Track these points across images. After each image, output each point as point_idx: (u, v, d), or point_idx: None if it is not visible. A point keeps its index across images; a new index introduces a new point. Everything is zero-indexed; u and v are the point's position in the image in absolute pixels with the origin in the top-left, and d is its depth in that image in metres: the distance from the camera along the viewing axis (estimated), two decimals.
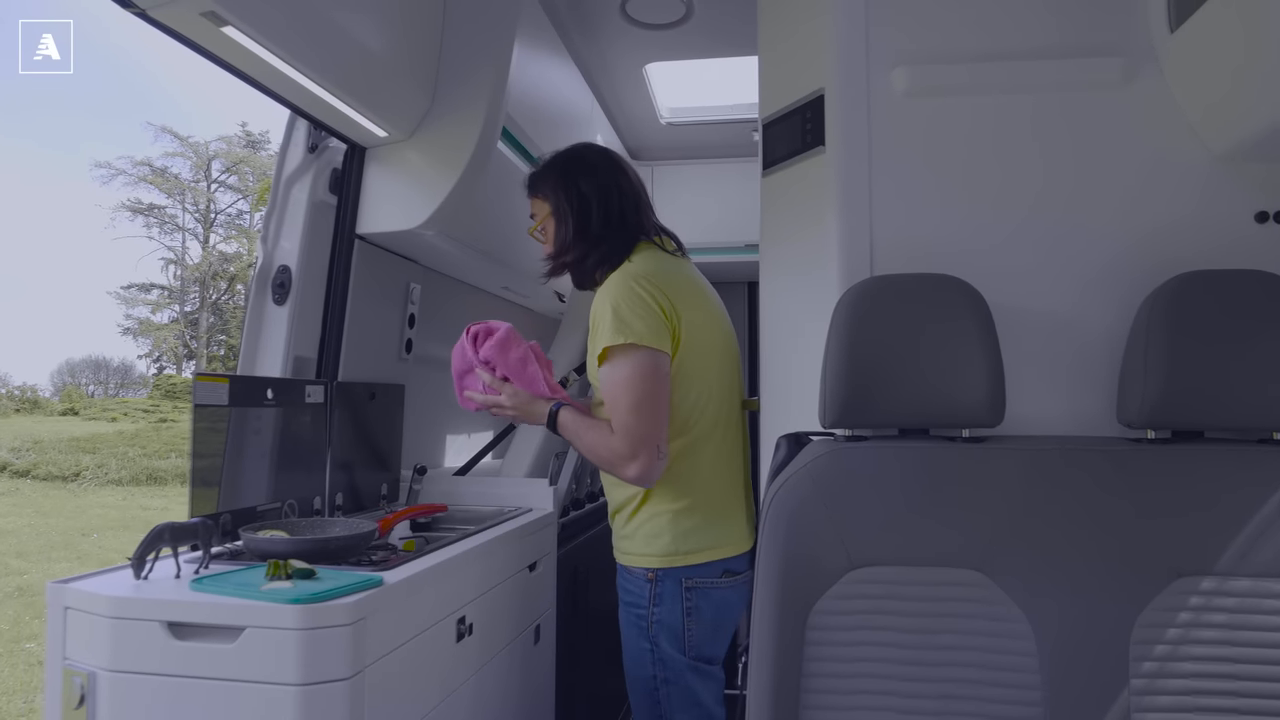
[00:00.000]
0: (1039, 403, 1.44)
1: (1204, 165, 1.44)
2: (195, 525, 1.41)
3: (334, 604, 1.22)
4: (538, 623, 2.03)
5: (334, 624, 1.20)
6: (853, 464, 1.29)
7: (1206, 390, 1.23)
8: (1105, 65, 1.46)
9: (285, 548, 1.47)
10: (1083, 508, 1.23)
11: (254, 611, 1.20)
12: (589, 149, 1.85)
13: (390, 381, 2.27)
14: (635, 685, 1.73)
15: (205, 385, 1.57)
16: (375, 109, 1.88)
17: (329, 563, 1.46)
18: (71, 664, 1.27)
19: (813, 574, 1.24)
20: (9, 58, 36.27)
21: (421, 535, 1.94)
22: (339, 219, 2.05)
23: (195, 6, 1.35)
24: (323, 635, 1.19)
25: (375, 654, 1.28)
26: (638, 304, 1.59)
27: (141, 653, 1.22)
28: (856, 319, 1.32)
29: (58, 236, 49.86)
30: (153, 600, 1.24)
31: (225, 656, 1.20)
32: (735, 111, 3.33)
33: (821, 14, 1.59)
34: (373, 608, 1.27)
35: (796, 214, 1.65)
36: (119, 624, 1.23)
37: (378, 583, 1.32)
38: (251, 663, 1.19)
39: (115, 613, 1.24)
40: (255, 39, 1.47)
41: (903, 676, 1.22)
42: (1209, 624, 1.17)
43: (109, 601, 1.24)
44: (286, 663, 1.18)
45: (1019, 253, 1.48)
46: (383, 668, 1.30)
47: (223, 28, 1.41)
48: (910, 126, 1.51)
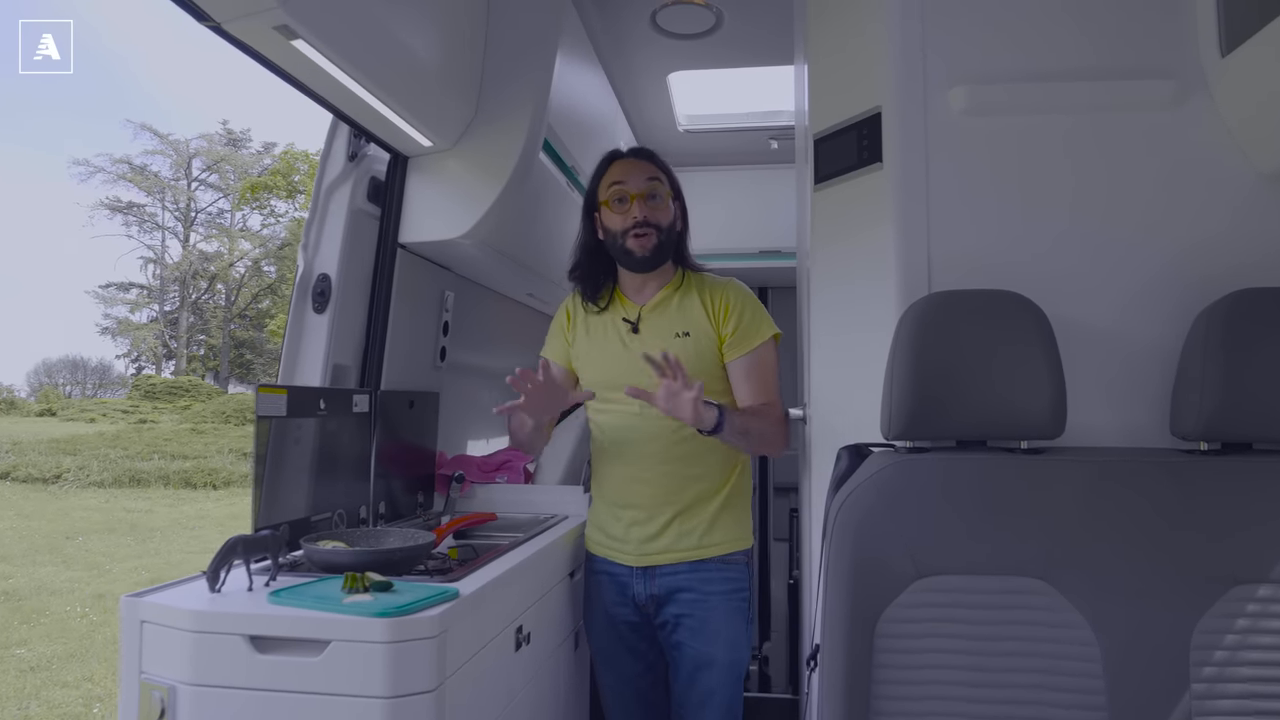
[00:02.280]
0: (1091, 414, 1.47)
1: (1250, 184, 1.48)
2: (266, 538, 1.41)
3: (420, 616, 1.23)
4: (576, 629, 2.05)
5: (420, 636, 1.21)
6: (918, 475, 1.32)
7: (1259, 403, 1.27)
8: (1157, 87, 1.50)
9: (349, 560, 1.47)
10: (1143, 518, 1.27)
11: (340, 625, 1.21)
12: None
13: (426, 389, 2.28)
14: (736, 670, 1.84)
15: (266, 397, 1.57)
16: (422, 118, 1.89)
17: (390, 573, 1.47)
18: (149, 678, 1.27)
19: (881, 582, 1.27)
20: (9, 58, 35.63)
21: (466, 544, 1.95)
22: (382, 228, 2.06)
23: (268, 20, 1.36)
24: (409, 648, 1.20)
25: (454, 665, 1.29)
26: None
27: (224, 666, 1.23)
28: (921, 333, 1.35)
29: (34, 234, 49.14)
30: (234, 614, 1.25)
31: (310, 670, 1.21)
32: (751, 119, 3.36)
33: (875, 31, 1.62)
34: (453, 619, 1.28)
35: (851, 228, 1.67)
36: (200, 638, 1.24)
37: (455, 595, 1.33)
38: (337, 676, 1.20)
39: (196, 626, 1.24)
40: (321, 50, 1.48)
41: (969, 683, 1.25)
42: (1266, 630, 1.21)
43: (190, 615, 1.25)
44: (374, 676, 1.19)
45: (1071, 267, 1.52)
46: (459, 679, 1.31)
47: (293, 41, 1.42)
48: (967, 145, 1.54)
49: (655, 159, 1.91)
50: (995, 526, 1.28)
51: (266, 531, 1.44)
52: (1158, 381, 1.45)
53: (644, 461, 1.84)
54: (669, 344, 1.81)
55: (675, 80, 3.03)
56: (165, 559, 8.66)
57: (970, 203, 1.54)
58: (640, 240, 1.82)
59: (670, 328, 1.85)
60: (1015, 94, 1.54)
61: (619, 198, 1.84)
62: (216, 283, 30.95)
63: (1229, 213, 1.49)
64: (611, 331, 1.90)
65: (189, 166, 30.49)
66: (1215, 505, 1.26)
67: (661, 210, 1.85)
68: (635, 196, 1.83)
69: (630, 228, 1.82)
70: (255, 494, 1.55)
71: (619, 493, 1.88)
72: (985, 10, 1.57)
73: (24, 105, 46.22)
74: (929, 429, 1.35)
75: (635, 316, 1.89)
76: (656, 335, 1.85)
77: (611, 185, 1.86)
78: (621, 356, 1.87)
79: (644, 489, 1.84)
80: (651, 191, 1.85)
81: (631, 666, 1.94)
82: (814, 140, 1.76)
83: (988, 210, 1.54)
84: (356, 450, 1.91)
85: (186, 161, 30.37)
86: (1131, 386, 1.49)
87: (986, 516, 1.28)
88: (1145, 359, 1.48)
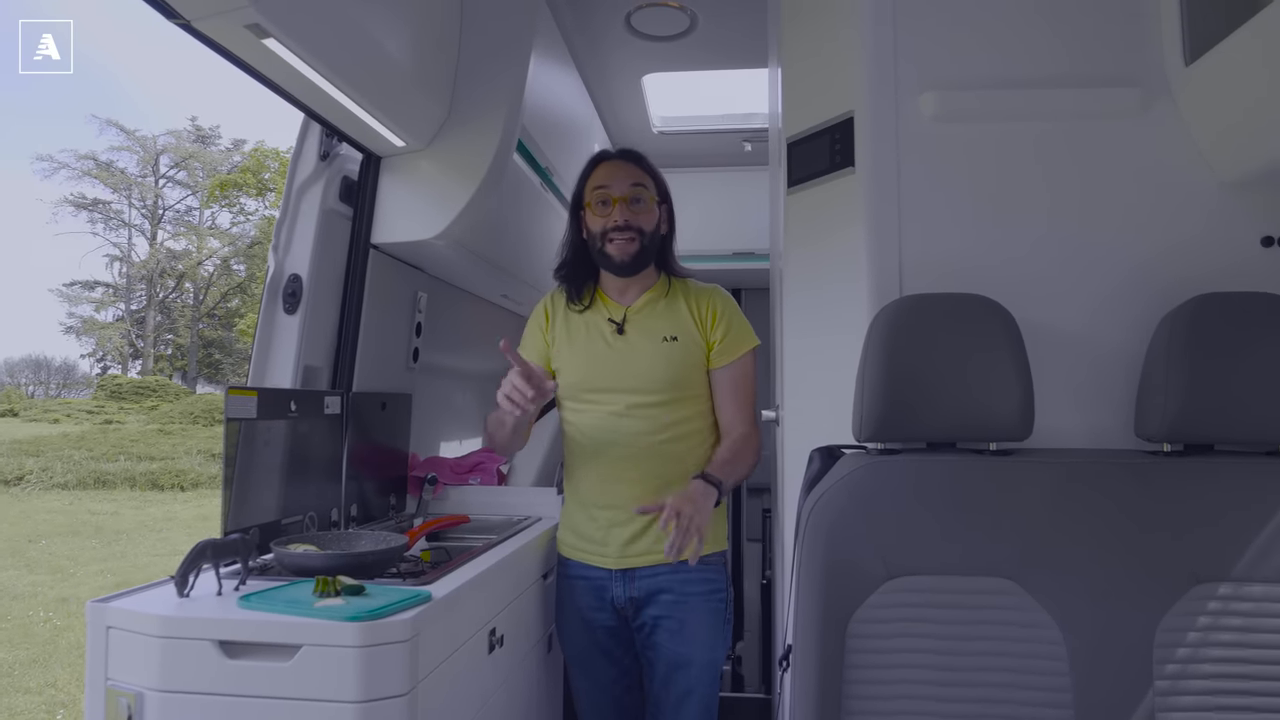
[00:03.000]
0: (1059, 416, 1.50)
1: (1213, 191, 1.52)
2: (235, 541, 1.40)
3: (392, 620, 1.22)
4: (550, 632, 2.05)
5: (392, 640, 1.21)
6: (888, 476, 1.34)
7: (1221, 405, 1.30)
8: (1123, 95, 1.53)
9: (321, 563, 1.46)
10: (1108, 518, 1.29)
11: (311, 629, 1.20)
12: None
13: (399, 391, 2.26)
14: (713, 670, 1.85)
15: (236, 399, 1.55)
16: (395, 118, 1.88)
17: (362, 577, 1.46)
18: (116, 684, 1.25)
19: (852, 583, 1.28)
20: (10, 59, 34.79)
21: (439, 546, 1.94)
22: (354, 229, 2.04)
23: (239, 19, 1.35)
24: (382, 652, 1.20)
25: (426, 669, 1.28)
26: None
27: (192, 672, 1.21)
28: (892, 337, 1.36)
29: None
30: (203, 619, 1.23)
31: (281, 675, 1.19)
32: (726, 122, 3.38)
33: (847, 36, 1.64)
34: (425, 622, 1.28)
35: (823, 231, 1.69)
36: (168, 643, 1.22)
37: (427, 598, 1.32)
38: (309, 681, 1.19)
39: (164, 632, 1.22)
40: (293, 49, 1.47)
41: (940, 682, 1.26)
42: (1226, 628, 1.24)
43: (157, 621, 1.23)
44: (346, 680, 1.18)
45: (1040, 272, 1.54)
46: (432, 683, 1.31)
47: (264, 40, 1.41)
48: (938, 150, 1.56)
49: (643, 162, 1.90)
50: (965, 527, 1.29)
51: (236, 535, 1.43)
52: (1123, 384, 1.48)
53: (623, 462, 1.83)
54: (656, 347, 1.82)
55: (650, 82, 3.04)
56: (131, 562, 8.53)
57: (941, 207, 1.56)
58: (620, 244, 1.81)
59: (658, 331, 1.84)
60: (985, 100, 1.56)
61: (602, 200, 1.83)
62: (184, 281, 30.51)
63: (1194, 219, 1.53)
64: (594, 332, 1.88)
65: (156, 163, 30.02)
66: (1178, 505, 1.29)
67: (644, 215, 1.84)
68: (618, 200, 1.82)
69: (610, 231, 1.81)
70: (225, 497, 1.53)
71: (597, 494, 1.86)
72: (956, 17, 1.59)
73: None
74: (900, 431, 1.37)
75: (621, 318, 1.87)
76: (643, 337, 1.84)
77: (596, 188, 1.85)
78: (605, 357, 1.85)
79: (624, 489, 1.82)
80: (635, 196, 1.83)
81: (607, 672, 1.92)
82: (787, 144, 1.77)
83: (958, 215, 1.56)
84: (328, 452, 1.90)
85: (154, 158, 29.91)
86: (1098, 389, 1.52)
87: (956, 517, 1.30)
88: (1111, 362, 1.51)
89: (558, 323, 1.93)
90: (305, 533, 1.73)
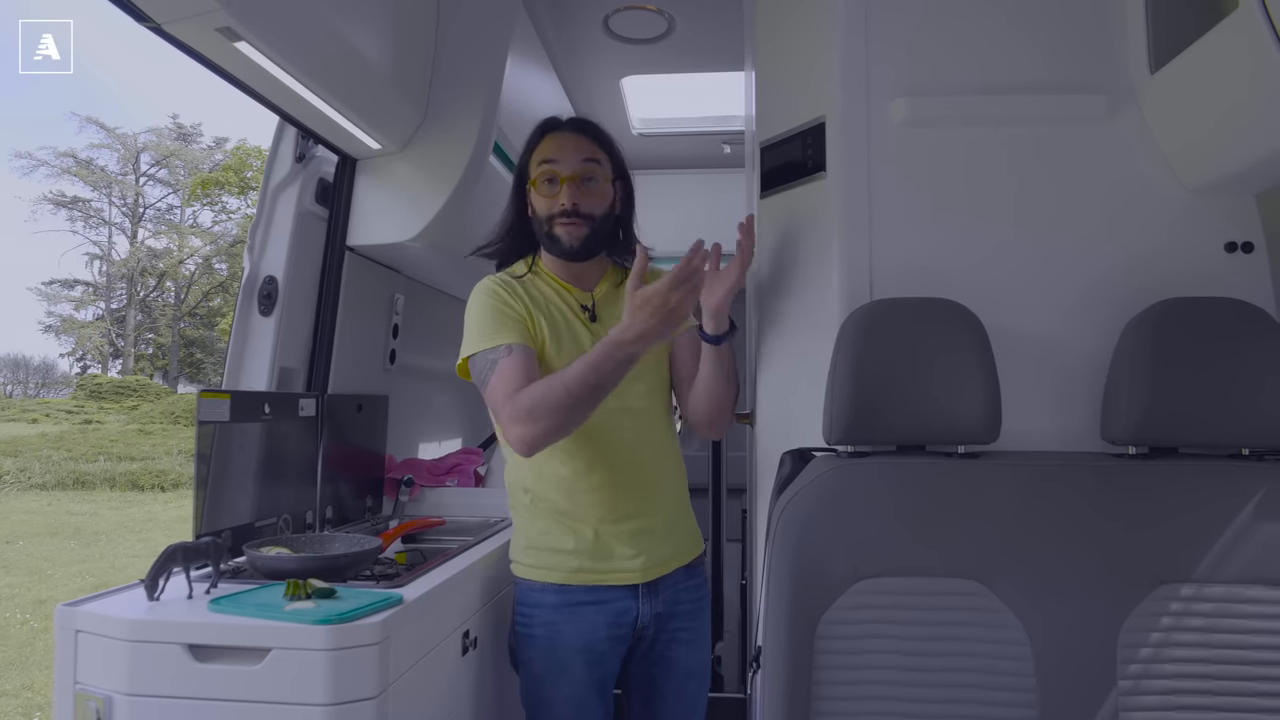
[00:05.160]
0: (1026, 419, 1.51)
1: (1179, 198, 1.54)
2: (206, 545, 1.39)
3: (362, 623, 1.22)
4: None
5: (362, 643, 1.21)
6: (858, 479, 1.35)
7: (1185, 409, 1.32)
8: (1090, 102, 1.55)
9: (293, 565, 1.46)
10: (1073, 520, 1.31)
11: (280, 632, 1.20)
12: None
13: (375, 393, 2.26)
14: (709, 671, 1.75)
15: (208, 402, 1.55)
16: (370, 121, 1.88)
17: (335, 579, 1.46)
18: (85, 688, 1.25)
19: (821, 585, 1.30)
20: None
21: (413, 548, 1.94)
22: (330, 231, 2.04)
23: (210, 22, 1.34)
24: (351, 655, 1.20)
25: (397, 672, 1.29)
26: None
27: (162, 676, 1.21)
28: (863, 340, 1.38)
29: None
30: (172, 622, 1.23)
31: (250, 678, 1.20)
32: (706, 124, 3.38)
33: (821, 41, 1.65)
34: (396, 625, 1.28)
35: (796, 236, 1.70)
36: (138, 647, 1.22)
37: (398, 600, 1.33)
38: (278, 684, 1.19)
39: (133, 636, 1.22)
40: (265, 53, 1.47)
41: (908, 682, 1.28)
42: (1188, 628, 1.26)
43: (126, 624, 1.23)
44: (315, 684, 1.18)
45: (1009, 276, 1.56)
46: (402, 685, 1.31)
47: (235, 43, 1.40)
48: (908, 155, 1.58)
49: (596, 133, 1.68)
50: (933, 530, 1.31)
51: (207, 538, 1.42)
52: (1090, 388, 1.50)
53: (636, 463, 1.63)
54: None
55: (629, 84, 3.04)
56: (110, 563, 8.45)
57: (912, 212, 1.58)
58: (568, 228, 1.60)
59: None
60: (955, 106, 1.58)
61: (548, 178, 1.61)
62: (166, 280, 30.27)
63: (1159, 225, 1.55)
64: (573, 318, 1.65)
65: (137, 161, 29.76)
66: (1142, 507, 1.31)
67: (595, 197, 1.61)
68: (566, 179, 1.59)
69: (557, 214, 1.60)
70: (197, 500, 1.53)
71: (617, 505, 1.61)
72: (927, 23, 1.61)
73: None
74: (869, 434, 1.38)
75: (590, 303, 1.67)
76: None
77: (541, 163, 1.62)
78: (584, 347, 1.58)
79: (641, 493, 1.63)
80: (586, 174, 1.61)
81: (596, 712, 1.63)
82: (760, 148, 1.79)
83: (928, 220, 1.58)
84: (303, 454, 1.90)
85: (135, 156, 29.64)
86: (1066, 393, 1.54)
87: (924, 520, 1.32)
88: (1078, 366, 1.53)
89: (530, 307, 1.62)
90: (279, 535, 1.73)
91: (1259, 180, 1.46)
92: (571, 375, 1.41)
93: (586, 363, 1.40)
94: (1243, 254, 1.52)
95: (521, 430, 1.46)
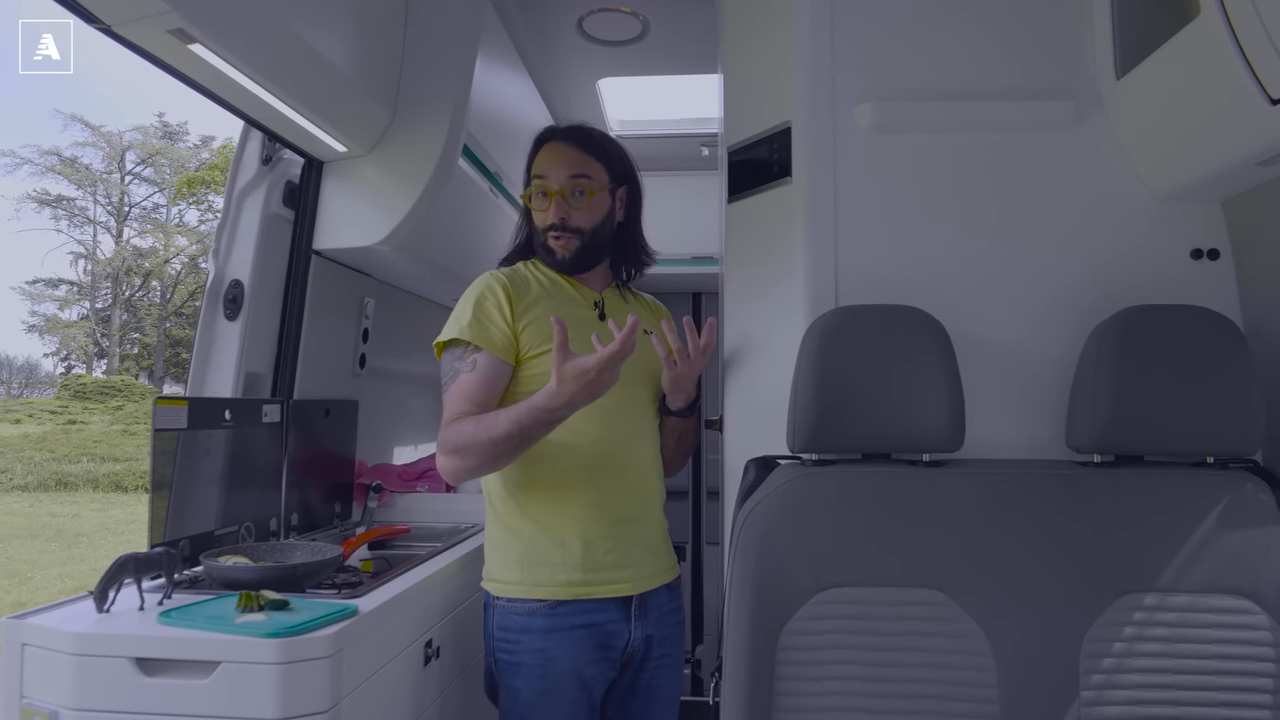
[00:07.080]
0: (992, 427, 1.51)
1: (1145, 205, 1.53)
2: (159, 555, 1.37)
3: (313, 636, 1.20)
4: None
5: (313, 656, 1.19)
6: (821, 488, 1.34)
7: (1149, 417, 1.32)
8: (1057, 108, 1.54)
9: (250, 575, 1.44)
10: (1037, 529, 1.31)
11: (229, 646, 1.18)
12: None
13: (344, 398, 2.24)
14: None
15: (164, 409, 1.53)
16: (335, 123, 1.85)
17: (294, 589, 1.44)
18: (31, 703, 1.22)
19: (783, 595, 1.29)
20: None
21: (380, 555, 1.92)
22: (296, 234, 2.01)
23: (161, 24, 1.32)
24: (302, 669, 1.18)
25: (352, 684, 1.27)
26: None
27: (109, 690, 1.19)
28: (825, 347, 1.36)
29: None
30: (120, 636, 1.21)
31: (199, 693, 1.17)
32: (683, 126, 3.37)
33: (787, 45, 1.64)
34: (350, 637, 1.26)
35: (762, 242, 1.69)
36: (84, 661, 1.20)
37: (353, 612, 1.31)
38: (227, 699, 1.17)
39: (80, 649, 1.20)
40: (221, 55, 1.44)
41: (870, 693, 1.27)
42: (1151, 638, 1.25)
43: (73, 638, 1.20)
44: (265, 698, 1.16)
45: (975, 284, 1.55)
46: (358, 697, 1.29)
47: (189, 45, 1.38)
48: (874, 161, 1.57)
49: (590, 142, 1.66)
50: (895, 539, 1.30)
51: (160, 549, 1.40)
52: (1056, 396, 1.49)
53: (630, 466, 1.61)
54: (641, 337, 1.56)
55: (606, 86, 3.02)
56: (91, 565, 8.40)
57: (877, 218, 1.56)
58: (559, 242, 1.61)
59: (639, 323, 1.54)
60: (922, 111, 1.57)
61: (540, 192, 1.62)
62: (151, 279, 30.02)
63: (1126, 232, 1.54)
64: (580, 315, 1.62)
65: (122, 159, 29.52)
66: (1106, 515, 1.30)
67: (585, 211, 1.60)
68: (554, 194, 1.60)
69: (547, 229, 1.61)
70: (152, 509, 1.51)
71: (611, 509, 1.57)
72: (893, 28, 1.60)
73: None
74: (832, 442, 1.37)
75: (599, 301, 1.68)
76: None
77: (535, 177, 1.64)
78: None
79: (633, 496, 1.60)
80: (575, 189, 1.60)
81: None
82: (727, 153, 1.77)
83: (894, 226, 1.57)
84: (267, 461, 1.87)
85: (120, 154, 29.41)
86: (1031, 401, 1.53)
87: (887, 529, 1.31)
88: (1044, 374, 1.52)
89: (525, 305, 1.59)
90: (240, 543, 1.70)
91: (1224, 187, 1.46)
92: (498, 429, 1.43)
93: (513, 420, 1.42)
94: (1208, 261, 1.52)
95: (445, 462, 1.51)
